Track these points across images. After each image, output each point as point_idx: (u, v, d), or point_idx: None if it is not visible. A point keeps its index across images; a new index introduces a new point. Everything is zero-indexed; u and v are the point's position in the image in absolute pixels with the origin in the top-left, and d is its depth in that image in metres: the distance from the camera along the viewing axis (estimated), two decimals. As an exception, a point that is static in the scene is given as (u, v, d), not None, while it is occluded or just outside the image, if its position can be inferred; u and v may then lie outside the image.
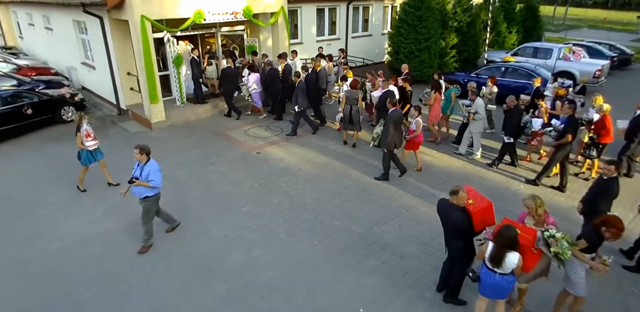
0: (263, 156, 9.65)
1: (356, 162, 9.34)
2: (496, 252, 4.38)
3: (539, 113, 9.20)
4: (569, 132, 7.79)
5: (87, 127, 7.62)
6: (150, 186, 5.97)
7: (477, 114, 9.19)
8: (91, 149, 7.78)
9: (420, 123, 8.55)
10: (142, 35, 10.18)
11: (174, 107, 12.10)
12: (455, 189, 4.74)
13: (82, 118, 7.63)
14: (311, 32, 16.34)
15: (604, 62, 16.22)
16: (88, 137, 7.66)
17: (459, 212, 4.71)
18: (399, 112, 8.36)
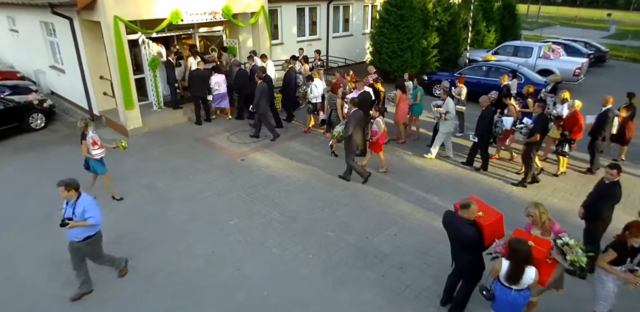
0: (248, 163, 9.24)
1: (345, 168, 9.00)
2: (514, 271, 4.10)
3: (509, 112, 9.09)
4: (537, 132, 7.83)
5: (93, 135, 7.10)
6: (89, 224, 4.99)
7: (448, 113, 9.05)
8: (98, 158, 7.26)
9: (381, 124, 8.25)
10: (115, 37, 9.62)
11: (150, 112, 11.56)
12: (467, 203, 4.46)
13: (88, 125, 7.08)
14: (292, 33, 15.94)
15: (583, 60, 16.38)
16: (94, 145, 7.14)
17: (470, 226, 4.44)
18: (360, 113, 8.04)
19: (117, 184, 8.17)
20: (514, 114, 8.95)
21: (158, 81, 11.49)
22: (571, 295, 5.25)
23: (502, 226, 4.63)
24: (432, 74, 14.95)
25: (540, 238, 4.36)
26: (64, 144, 10.22)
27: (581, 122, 8.43)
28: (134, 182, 8.29)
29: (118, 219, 7.05)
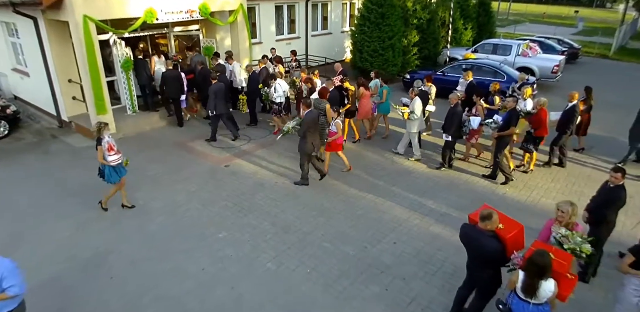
0: (233, 169, 8.78)
1: (336, 172, 8.68)
2: (530, 282, 3.88)
3: (476, 111, 9.01)
4: (512, 124, 7.96)
5: (109, 140, 6.58)
6: (9, 296, 3.83)
7: (412, 113, 8.87)
8: (114, 164, 6.73)
9: (339, 125, 8.03)
10: (85, 37, 8.97)
11: (124, 116, 10.92)
12: (488, 213, 4.19)
13: (103, 129, 6.54)
14: (270, 31, 15.48)
15: (560, 57, 16.55)
16: (111, 151, 6.62)
17: (493, 239, 4.16)
18: (314, 114, 7.82)
19: (92, 196, 7.60)
20: (481, 113, 8.92)
21: (132, 83, 10.87)
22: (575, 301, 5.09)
23: (523, 237, 4.39)
24: (413, 73, 14.77)
25: (562, 251, 4.13)
26: (30, 153, 9.49)
27: (545, 119, 8.49)
28: (111, 193, 7.72)
29: (96, 236, 6.51)
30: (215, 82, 9.54)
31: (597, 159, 9.73)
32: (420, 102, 9.00)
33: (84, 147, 9.77)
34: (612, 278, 5.85)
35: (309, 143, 7.68)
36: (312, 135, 7.69)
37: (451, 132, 8.50)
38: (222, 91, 9.58)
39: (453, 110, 8.45)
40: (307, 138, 7.64)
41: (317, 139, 7.86)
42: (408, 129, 9.13)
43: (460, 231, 4.49)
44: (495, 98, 9.57)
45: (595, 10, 58.52)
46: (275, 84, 9.94)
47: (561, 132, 8.90)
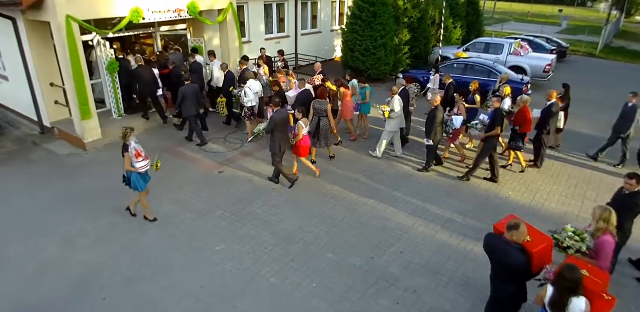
0: (227, 175, 8.41)
1: (334, 177, 8.39)
2: (558, 298, 3.64)
3: (458, 110, 8.88)
4: (497, 124, 7.89)
5: (136, 146, 6.27)
6: None
7: (392, 112, 8.71)
8: (142, 170, 6.40)
9: (301, 126, 7.69)
10: (68, 39, 8.48)
11: (110, 121, 10.45)
12: (516, 223, 3.94)
13: (129, 134, 6.23)
14: (259, 30, 15.08)
15: (552, 56, 16.52)
16: (138, 157, 6.29)
17: (519, 252, 3.92)
18: (283, 114, 7.68)
19: (80, 208, 7.18)
20: (463, 112, 8.78)
21: (117, 86, 10.40)
22: None
23: (551, 252, 4.15)
24: (406, 72, 14.55)
25: (598, 269, 3.90)
26: (10, 161, 8.97)
27: (529, 117, 8.45)
28: (100, 205, 7.29)
29: (85, 253, 6.10)
30: (187, 84, 9.15)
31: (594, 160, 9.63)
32: (399, 100, 8.84)
33: (68, 155, 9.29)
34: (627, 286, 5.70)
35: (277, 142, 7.51)
36: (279, 135, 7.50)
37: (432, 136, 8.32)
38: (192, 93, 9.15)
39: (434, 112, 8.25)
40: (274, 137, 7.48)
41: (286, 138, 7.67)
42: (387, 128, 8.96)
43: (485, 241, 4.24)
44: (476, 97, 9.51)
45: (576, 8, 59.28)
46: (245, 87, 9.50)
47: (539, 131, 8.86)
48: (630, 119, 8.83)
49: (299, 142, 7.77)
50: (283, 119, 7.57)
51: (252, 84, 9.58)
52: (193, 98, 9.21)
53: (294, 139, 7.76)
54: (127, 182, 6.50)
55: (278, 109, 7.58)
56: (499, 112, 8.04)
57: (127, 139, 6.23)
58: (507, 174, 8.82)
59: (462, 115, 8.74)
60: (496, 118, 7.94)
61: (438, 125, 8.26)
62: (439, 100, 8.28)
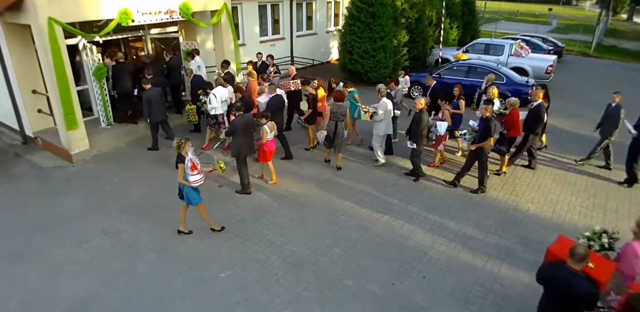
0: (227, 190, 7.81)
1: (343, 190, 7.85)
2: None
3: (443, 116, 8.47)
4: (489, 135, 7.45)
5: (192, 157, 5.79)
6: None
7: (375, 114, 8.31)
8: (196, 185, 5.96)
9: (266, 131, 7.36)
10: (50, 43, 7.81)
11: (98, 130, 9.78)
12: (585, 252, 3.50)
13: (184, 145, 5.74)
14: (254, 32, 14.47)
15: (553, 56, 16.20)
16: (194, 170, 5.82)
17: (588, 282, 3.49)
18: (246, 118, 7.35)
19: (67, 230, 6.53)
20: (448, 118, 8.37)
21: (105, 93, 9.73)
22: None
23: None
24: (406, 75, 14.02)
25: None
26: (-9, 175, 8.28)
27: (518, 120, 8.18)
28: (89, 226, 6.65)
29: (76, 283, 5.47)
30: (149, 88, 8.70)
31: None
32: (387, 103, 8.45)
33: (53, 168, 8.59)
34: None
35: (237, 147, 7.30)
36: (240, 140, 7.25)
37: (417, 139, 7.94)
38: (159, 98, 8.82)
39: (418, 115, 7.88)
40: (235, 142, 7.29)
41: (247, 144, 7.42)
42: (374, 132, 8.60)
43: (545, 270, 3.80)
44: (460, 102, 9.04)
45: (562, 7, 59.63)
46: (210, 94, 8.88)
47: (528, 133, 8.56)
48: (616, 119, 8.45)
49: (263, 147, 7.51)
50: (245, 123, 7.27)
51: (220, 91, 8.96)
52: (159, 103, 8.83)
53: (257, 143, 7.58)
54: (181, 195, 6.11)
55: (240, 114, 7.29)
56: (490, 122, 7.46)
57: (182, 150, 5.76)
58: (522, 183, 8.38)
59: (446, 121, 8.34)
60: (486, 128, 7.42)
61: (423, 129, 7.89)
62: (423, 103, 7.90)
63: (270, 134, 7.45)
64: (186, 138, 5.87)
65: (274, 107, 8.44)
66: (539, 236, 6.72)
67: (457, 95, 9.14)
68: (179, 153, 5.80)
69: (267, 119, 7.37)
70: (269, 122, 7.38)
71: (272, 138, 7.55)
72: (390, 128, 8.75)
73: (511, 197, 7.88)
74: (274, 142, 7.74)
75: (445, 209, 7.37)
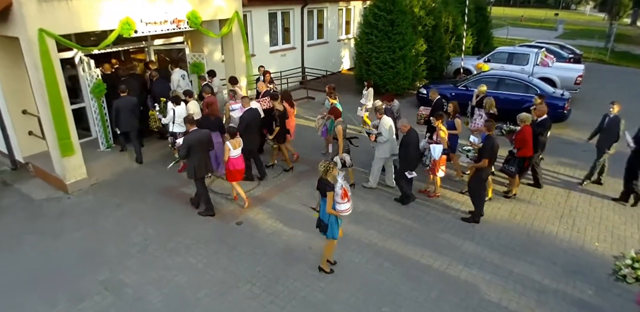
0: (247, 228, 6.74)
1: (379, 225, 6.81)
2: None
3: (438, 138, 7.40)
4: (485, 156, 6.57)
5: (343, 183, 5.18)
6: None
7: (380, 135, 7.38)
8: (345, 214, 5.31)
9: (228, 148, 6.73)
10: (42, 58, 6.77)
11: (96, 154, 8.73)
12: None
13: (332, 170, 5.09)
14: (264, 42, 13.47)
15: (580, 66, 15.24)
16: (344, 198, 5.16)
17: None
18: (201, 134, 6.64)
19: (61, 283, 5.44)
20: (443, 140, 7.31)
21: (104, 112, 8.69)
22: None
23: None
24: (428, 87, 13.04)
25: None
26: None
27: (529, 138, 7.33)
28: (87, 278, 5.58)
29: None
30: (122, 96, 8.12)
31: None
32: (388, 121, 7.56)
33: (46, 200, 7.51)
34: None
35: (192, 167, 6.57)
36: (196, 158, 6.53)
37: (408, 165, 7.04)
38: (127, 107, 8.14)
39: (405, 140, 6.97)
40: (189, 161, 6.58)
41: (204, 162, 6.69)
42: (376, 154, 7.72)
43: None
44: (456, 121, 8.06)
45: (562, 11, 59.19)
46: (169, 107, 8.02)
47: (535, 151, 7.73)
48: (615, 131, 7.74)
49: (228, 166, 6.84)
50: (199, 140, 6.52)
51: (179, 109, 8.03)
52: (128, 112, 8.17)
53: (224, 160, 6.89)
54: (323, 228, 5.32)
55: (195, 129, 6.59)
56: (491, 141, 6.60)
57: (329, 175, 5.09)
58: (581, 216, 7.35)
59: (442, 144, 7.28)
60: (486, 147, 6.58)
61: (413, 153, 7.07)
62: (408, 127, 6.97)
63: (234, 151, 6.77)
64: (334, 163, 5.18)
65: (246, 122, 7.58)
66: (616, 284, 5.69)
67: (452, 114, 8.10)
68: (324, 179, 5.08)
69: (230, 136, 6.75)
70: (232, 139, 6.74)
71: (237, 156, 6.85)
72: (396, 148, 7.75)
73: (573, 233, 6.85)
74: (241, 160, 7.00)
75: (503, 249, 6.33)
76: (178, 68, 9.75)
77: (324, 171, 5.06)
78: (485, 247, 6.35)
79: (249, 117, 7.65)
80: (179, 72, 9.65)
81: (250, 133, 7.63)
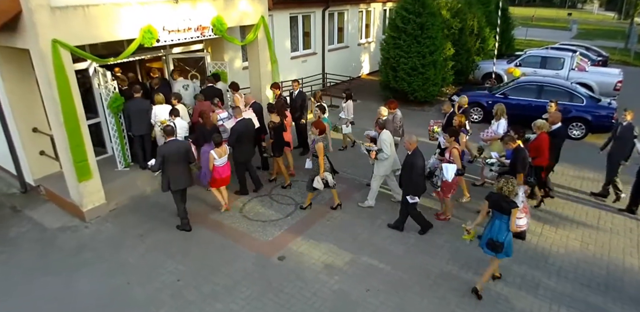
0: (292, 264, 5.92)
1: (433, 260, 5.99)
2: None
3: (451, 156, 6.55)
4: (520, 171, 6.13)
5: (523, 198, 5.38)
6: None
7: (381, 151, 6.70)
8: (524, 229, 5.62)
9: (212, 157, 6.52)
10: (56, 72, 6.00)
11: (114, 174, 7.95)
12: None
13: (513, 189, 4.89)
14: (285, 47, 12.68)
15: (617, 70, 14.40)
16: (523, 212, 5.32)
17: None
18: (177, 145, 6.27)
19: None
20: (457, 159, 6.45)
21: (122, 128, 7.92)
22: None
23: None
24: (461, 94, 12.19)
25: None
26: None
27: (545, 146, 6.82)
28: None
29: None
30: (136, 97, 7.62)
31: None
32: (388, 134, 6.91)
33: (60, 229, 6.73)
34: None
35: (166, 180, 6.25)
36: (171, 170, 6.19)
37: (414, 189, 6.18)
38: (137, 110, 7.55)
39: (410, 160, 6.12)
40: (164, 174, 6.22)
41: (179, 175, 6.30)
42: (376, 172, 7.05)
43: None
44: (461, 136, 7.22)
45: (569, 10, 58.33)
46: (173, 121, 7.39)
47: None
48: (630, 140, 7.28)
49: (214, 174, 6.66)
50: (172, 151, 6.14)
51: (180, 123, 7.48)
52: (143, 114, 7.58)
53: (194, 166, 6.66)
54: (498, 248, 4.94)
55: (172, 139, 6.25)
56: (522, 153, 6.11)
57: (511, 194, 4.90)
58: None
59: (455, 163, 6.42)
60: (517, 161, 6.05)
61: (420, 176, 6.20)
62: (414, 145, 6.13)
63: (219, 160, 6.58)
64: (511, 179, 4.94)
65: (237, 134, 7.09)
66: None
67: (457, 127, 7.30)
68: (503, 195, 4.85)
69: (215, 144, 6.54)
70: (217, 148, 6.55)
71: (222, 164, 6.65)
72: (397, 163, 7.03)
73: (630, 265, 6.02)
74: (228, 168, 6.81)
75: (587, 288, 5.51)
76: (181, 78, 9.11)
77: (508, 192, 4.82)
78: (567, 284, 5.54)
79: (240, 129, 7.14)
80: (181, 82, 9.00)
81: (243, 145, 7.22)
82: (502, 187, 4.83)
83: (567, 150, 7.96)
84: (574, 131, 10.86)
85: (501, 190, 4.84)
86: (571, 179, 8.55)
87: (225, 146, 6.74)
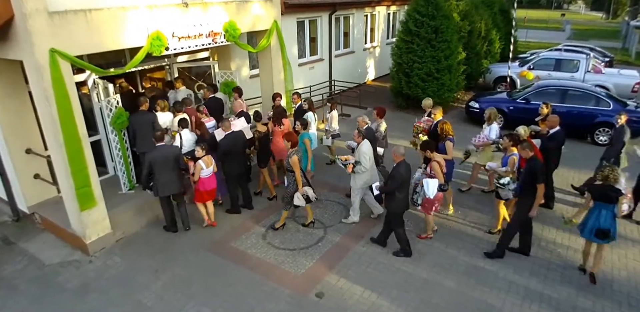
0: (331, 301, 5.18)
1: (491, 283, 5.31)
2: None
3: (432, 170, 5.97)
4: (540, 181, 5.47)
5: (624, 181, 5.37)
6: None
7: (358, 164, 6.22)
8: None
9: (200, 166, 6.18)
10: (55, 86, 5.22)
11: (118, 198, 7.10)
12: None
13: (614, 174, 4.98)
14: (292, 54, 11.96)
15: (634, 71, 13.97)
16: None
17: None
18: (167, 150, 6.11)
19: None
20: (439, 174, 5.87)
21: (126, 147, 7.12)
22: None
23: None
24: (479, 100, 11.62)
25: None
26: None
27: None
28: None
29: None
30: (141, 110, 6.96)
31: None
32: (368, 146, 6.35)
33: (60, 265, 5.89)
34: None
35: (156, 186, 6.11)
36: (161, 176, 6.04)
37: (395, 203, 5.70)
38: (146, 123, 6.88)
39: (396, 170, 5.58)
40: (154, 180, 6.10)
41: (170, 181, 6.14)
42: (354, 185, 6.53)
43: None
44: (447, 144, 6.63)
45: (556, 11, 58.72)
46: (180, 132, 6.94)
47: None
48: (620, 142, 7.15)
49: (198, 186, 6.31)
50: (158, 157, 5.96)
51: (186, 135, 6.94)
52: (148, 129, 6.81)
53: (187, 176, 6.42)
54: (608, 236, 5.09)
55: (161, 144, 6.10)
56: (537, 162, 5.56)
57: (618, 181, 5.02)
58: None
59: (437, 178, 5.86)
60: (536, 171, 5.45)
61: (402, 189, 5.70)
62: (401, 158, 5.65)
63: (207, 170, 6.26)
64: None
65: (223, 149, 6.60)
66: None
67: (444, 135, 6.68)
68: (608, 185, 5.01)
69: (204, 152, 6.24)
70: (205, 156, 6.23)
71: (208, 175, 6.31)
72: (376, 177, 6.49)
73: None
74: (214, 179, 6.44)
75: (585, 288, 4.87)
76: (184, 87, 8.40)
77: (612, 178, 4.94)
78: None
79: (228, 144, 6.60)
80: (184, 92, 8.29)
81: (233, 159, 6.71)
82: (607, 175, 4.94)
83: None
84: (600, 137, 10.34)
85: (607, 179, 4.94)
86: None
87: (210, 156, 6.41)
